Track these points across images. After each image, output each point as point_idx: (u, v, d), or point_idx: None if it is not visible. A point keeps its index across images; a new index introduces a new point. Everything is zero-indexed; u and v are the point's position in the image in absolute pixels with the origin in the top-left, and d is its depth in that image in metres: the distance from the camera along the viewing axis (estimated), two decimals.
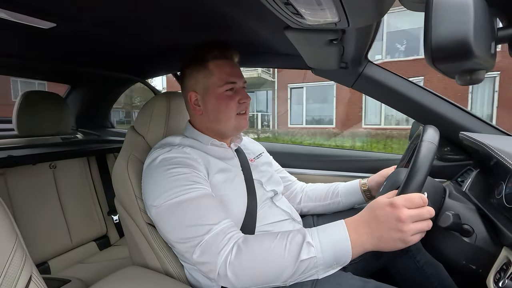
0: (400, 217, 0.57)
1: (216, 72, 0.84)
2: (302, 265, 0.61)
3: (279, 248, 0.62)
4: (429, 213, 0.59)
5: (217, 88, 0.84)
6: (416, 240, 0.59)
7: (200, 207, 0.69)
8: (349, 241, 0.61)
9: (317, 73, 1.21)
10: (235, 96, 0.85)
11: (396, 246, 0.59)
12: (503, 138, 0.93)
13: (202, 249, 0.65)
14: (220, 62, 0.85)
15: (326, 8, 0.53)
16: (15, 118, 1.35)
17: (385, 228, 0.59)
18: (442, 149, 1.14)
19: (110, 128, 2.18)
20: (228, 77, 0.84)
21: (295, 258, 0.61)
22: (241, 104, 0.86)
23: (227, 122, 0.86)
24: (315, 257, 0.60)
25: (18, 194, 1.25)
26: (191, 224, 0.67)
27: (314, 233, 0.64)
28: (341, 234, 0.62)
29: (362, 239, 0.61)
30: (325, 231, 0.64)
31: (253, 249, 0.64)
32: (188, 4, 0.83)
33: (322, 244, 0.61)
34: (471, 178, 0.88)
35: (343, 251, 0.61)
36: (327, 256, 0.61)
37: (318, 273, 0.62)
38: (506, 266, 0.55)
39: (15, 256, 0.52)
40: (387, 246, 0.60)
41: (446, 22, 0.34)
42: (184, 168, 0.74)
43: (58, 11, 0.86)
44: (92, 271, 1.28)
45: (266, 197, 0.89)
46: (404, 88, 1.09)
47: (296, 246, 0.62)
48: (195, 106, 0.88)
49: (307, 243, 0.61)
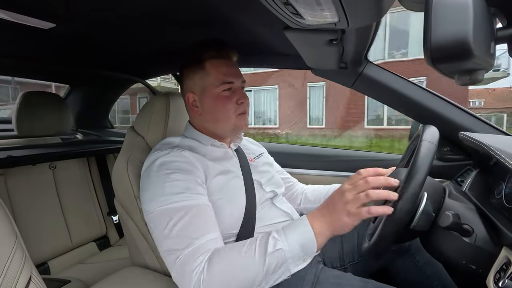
0: (346, 199, 0.62)
1: (212, 72, 0.83)
2: (271, 260, 0.62)
3: (250, 251, 0.63)
4: (366, 183, 0.62)
5: (214, 88, 0.83)
6: (363, 214, 0.61)
7: (189, 218, 0.67)
8: (312, 231, 0.64)
9: (317, 73, 1.21)
10: (233, 96, 0.84)
11: (347, 223, 0.63)
12: (502, 138, 0.93)
13: (179, 265, 0.63)
14: (217, 62, 0.84)
15: (325, 8, 0.53)
16: (15, 119, 1.35)
17: (336, 213, 0.64)
18: (442, 149, 1.14)
19: (109, 129, 2.18)
20: (224, 77, 0.83)
21: (263, 254, 0.62)
22: (239, 104, 0.85)
23: (226, 123, 0.85)
24: (282, 249, 0.62)
25: (17, 195, 1.24)
26: (176, 235, 0.66)
27: (279, 230, 0.67)
28: (305, 226, 0.65)
29: (322, 228, 0.65)
30: (290, 226, 0.67)
31: (224, 259, 0.63)
32: (188, 4, 0.83)
33: (288, 236, 0.64)
34: (471, 178, 0.88)
35: (308, 240, 0.64)
36: (294, 248, 0.63)
37: (289, 267, 0.63)
38: (506, 266, 0.55)
39: (15, 256, 0.52)
40: (340, 229, 0.64)
41: (445, 22, 0.34)
42: (180, 174, 0.73)
43: (57, 12, 0.86)
44: (92, 271, 1.28)
45: (265, 198, 0.89)
46: (403, 88, 1.09)
47: (263, 244, 0.64)
48: (193, 107, 0.87)
49: (272, 237, 0.64)
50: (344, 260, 0.95)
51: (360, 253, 0.94)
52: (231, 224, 0.78)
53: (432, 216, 0.66)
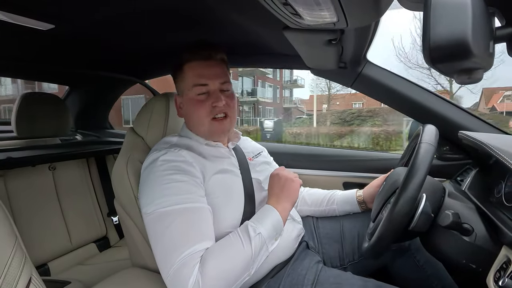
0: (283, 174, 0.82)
1: (188, 75, 0.83)
2: (256, 244, 0.68)
3: (237, 242, 0.68)
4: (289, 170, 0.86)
5: (188, 91, 0.83)
6: (298, 178, 0.83)
7: (185, 223, 0.67)
8: (277, 212, 0.75)
9: (316, 73, 1.22)
10: (208, 99, 0.81)
11: (296, 187, 0.81)
12: (502, 137, 0.93)
13: (173, 274, 0.63)
14: (193, 64, 0.82)
15: (324, 8, 0.53)
16: (14, 120, 1.35)
17: (285, 186, 0.80)
18: (441, 148, 1.14)
19: (109, 129, 2.18)
20: (197, 79, 0.81)
21: (248, 241, 0.68)
22: (214, 107, 0.82)
23: (200, 128, 0.85)
24: (260, 233, 0.70)
25: (17, 196, 1.24)
26: (171, 242, 0.65)
27: (252, 220, 0.74)
28: (271, 210, 0.76)
29: (282, 206, 0.77)
30: (259, 215, 0.75)
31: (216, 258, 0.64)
32: (187, 4, 0.83)
33: (261, 222, 0.72)
34: (471, 177, 0.89)
35: (276, 220, 0.74)
36: (268, 229, 0.72)
37: (268, 246, 0.71)
38: (506, 265, 0.55)
39: (15, 258, 0.52)
40: (294, 195, 0.80)
41: (444, 21, 0.34)
42: (178, 175, 0.73)
43: (56, 13, 0.86)
44: (92, 272, 1.28)
45: (264, 196, 0.89)
46: (403, 88, 1.09)
47: (245, 232, 0.70)
48: (179, 109, 0.89)
49: (250, 226, 0.71)
50: (344, 259, 0.95)
51: (360, 252, 0.94)
52: (230, 223, 0.78)
53: (431, 217, 0.66)
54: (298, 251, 0.89)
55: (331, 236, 0.98)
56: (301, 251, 0.90)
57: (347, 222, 1.00)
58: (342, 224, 1.00)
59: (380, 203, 0.80)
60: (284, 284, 0.78)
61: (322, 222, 1.04)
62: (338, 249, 0.96)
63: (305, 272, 0.80)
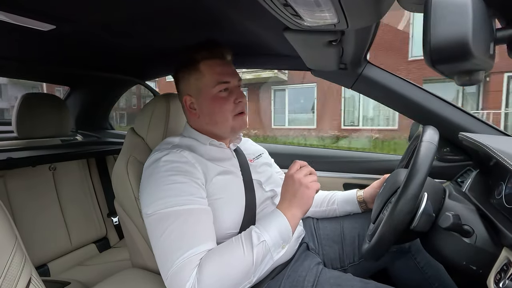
0: (299, 178, 0.74)
1: (207, 73, 0.83)
2: (258, 252, 0.65)
3: (238, 248, 0.66)
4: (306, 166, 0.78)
5: (210, 89, 0.83)
6: (316, 184, 0.75)
7: (186, 225, 0.67)
8: (286, 219, 0.71)
9: (316, 74, 1.22)
10: (230, 96, 0.84)
11: (310, 195, 0.74)
12: (502, 139, 0.93)
13: (171, 276, 0.63)
14: (211, 62, 0.83)
15: (325, 10, 0.53)
16: (15, 120, 1.35)
17: (298, 192, 0.73)
18: (442, 149, 1.14)
19: (109, 130, 2.18)
20: (220, 77, 0.82)
21: (250, 248, 0.65)
22: (237, 104, 0.84)
23: (224, 124, 0.85)
24: (265, 241, 0.67)
25: (17, 196, 1.24)
26: (171, 243, 0.65)
27: (257, 225, 0.71)
28: (279, 216, 0.71)
29: (292, 212, 0.73)
30: (265, 220, 0.72)
31: (214, 264, 0.63)
32: (188, 5, 0.83)
33: (267, 229, 0.69)
34: (471, 178, 0.88)
35: (284, 227, 0.70)
36: (274, 236, 0.68)
37: (272, 255, 0.68)
38: (506, 266, 0.55)
39: (15, 258, 0.52)
40: (306, 203, 0.74)
41: (444, 23, 0.34)
42: (180, 176, 0.73)
43: (57, 13, 0.86)
44: (92, 273, 1.27)
45: (265, 197, 0.89)
46: (403, 89, 1.09)
47: (248, 239, 0.67)
48: (191, 109, 0.87)
49: (254, 232, 0.68)
50: (345, 261, 0.95)
51: (361, 254, 0.93)
52: (231, 224, 0.77)
53: (432, 217, 0.66)
54: (298, 252, 0.89)
55: (331, 237, 0.98)
56: (301, 252, 0.90)
57: (348, 223, 1.00)
58: (343, 226, 1.00)
59: (380, 203, 0.80)
60: (284, 286, 0.78)
61: (323, 223, 1.03)
62: (339, 250, 0.96)
63: (305, 273, 0.80)
